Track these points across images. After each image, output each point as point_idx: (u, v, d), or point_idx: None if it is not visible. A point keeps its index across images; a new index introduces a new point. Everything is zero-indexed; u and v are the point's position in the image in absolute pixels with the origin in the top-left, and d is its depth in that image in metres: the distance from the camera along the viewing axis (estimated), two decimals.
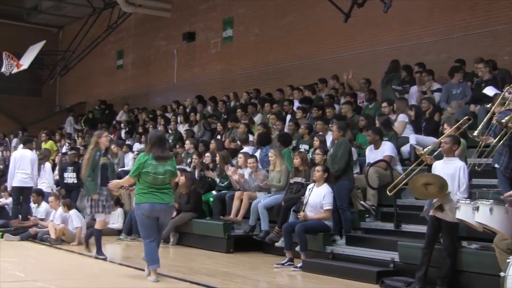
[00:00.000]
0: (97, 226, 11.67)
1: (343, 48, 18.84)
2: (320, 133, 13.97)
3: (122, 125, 23.94)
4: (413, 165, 10.57)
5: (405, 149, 12.99)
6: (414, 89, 15.27)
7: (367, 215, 11.87)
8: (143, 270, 10.05)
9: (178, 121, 20.82)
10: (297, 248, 10.99)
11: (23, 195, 16.01)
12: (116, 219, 16.04)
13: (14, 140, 25.55)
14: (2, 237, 14.66)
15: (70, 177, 16.77)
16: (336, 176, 11.60)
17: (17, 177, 15.83)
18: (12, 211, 16.22)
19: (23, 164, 15.92)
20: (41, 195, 15.71)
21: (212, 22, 24.07)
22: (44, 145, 21.78)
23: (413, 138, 12.69)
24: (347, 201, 11.61)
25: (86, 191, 11.73)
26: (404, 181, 10.50)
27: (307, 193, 11.38)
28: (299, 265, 10.80)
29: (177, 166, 15.57)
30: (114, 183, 10.86)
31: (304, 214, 11.16)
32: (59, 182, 17.51)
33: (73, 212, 14.40)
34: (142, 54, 28.27)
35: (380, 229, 11.52)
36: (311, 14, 19.67)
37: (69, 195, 16.18)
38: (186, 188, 14.38)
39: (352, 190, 11.84)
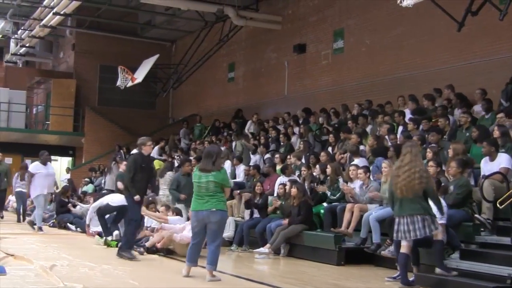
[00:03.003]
0: (407, 250, 10.32)
1: (456, 58, 18.42)
2: (433, 144, 13.72)
3: (232, 136, 24.11)
4: None
5: None
6: None
7: (482, 229, 11.54)
8: (257, 282, 10.12)
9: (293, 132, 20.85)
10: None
11: None
12: (227, 228, 16.19)
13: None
14: (116, 246, 14.98)
15: None
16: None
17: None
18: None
19: None
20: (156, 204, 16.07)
21: (323, 33, 24.01)
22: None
23: None
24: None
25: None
26: None
27: None
28: (411, 279, 10.57)
29: (289, 178, 15.82)
30: None
31: None
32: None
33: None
34: (253, 67, 28.46)
35: (496, 244, 11.14)
36: (423, 24, 19.35)
37: None
38: (297, 199, 14.36)
39: None
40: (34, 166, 19.16)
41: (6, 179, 22.92)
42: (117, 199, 15.98)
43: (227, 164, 19.05)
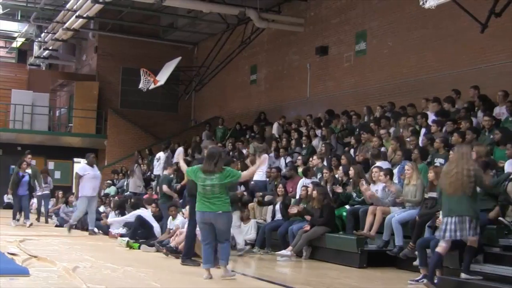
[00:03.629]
0: (443, 251, 10.26)
1: (479, 59, 18.29)
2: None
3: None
4: None
5: None
6: None
7: (506, 232, 11.43)
8: (279, 284, 10.14)
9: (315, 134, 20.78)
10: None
11: None
12: (248, 231, 16.19)
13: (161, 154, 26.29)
14: (139, 248, 15.03)
15: None
16: None
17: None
18: None
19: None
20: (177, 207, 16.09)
21: (345, 35, 23.95)
22: None
23: None
24: None
25: None
26: None
27: None
28: (435, 281, 10.51)
29: (311, 180, 15.78)
30: None
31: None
32: None
33: None
34: (275, 69, 28.44)
35: None
36: (446, 26, 19.24)
37: None
38: (318, 202, 14.32)
39: None
40: (81, 168, 19.20)
41: (36, 181, 22.51)
42: (157, 228, 16.54)
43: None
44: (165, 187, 17.56)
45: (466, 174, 9.97)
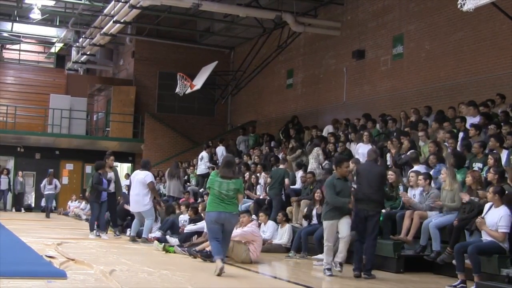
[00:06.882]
0: None
1: None
2: (494, 151, 13.49)
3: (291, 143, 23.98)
4: None
5: None
6: None
7: None
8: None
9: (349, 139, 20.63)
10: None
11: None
12: (282, 235, 16.15)
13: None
14: (175, 252, 15.06)
15: None
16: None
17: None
18: None
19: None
20: None
21: (382, 39, 23.83)
22: None
23: None
24: None
25: None
26: None
27: (484, 211, 10.98)
28: (472, 287, 10.41)
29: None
30: None
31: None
32: None
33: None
34: (311, 73, 28.38)
35: None
36: (485, 29, 19.07)
37: None
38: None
39: None
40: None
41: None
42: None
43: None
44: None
45: None
